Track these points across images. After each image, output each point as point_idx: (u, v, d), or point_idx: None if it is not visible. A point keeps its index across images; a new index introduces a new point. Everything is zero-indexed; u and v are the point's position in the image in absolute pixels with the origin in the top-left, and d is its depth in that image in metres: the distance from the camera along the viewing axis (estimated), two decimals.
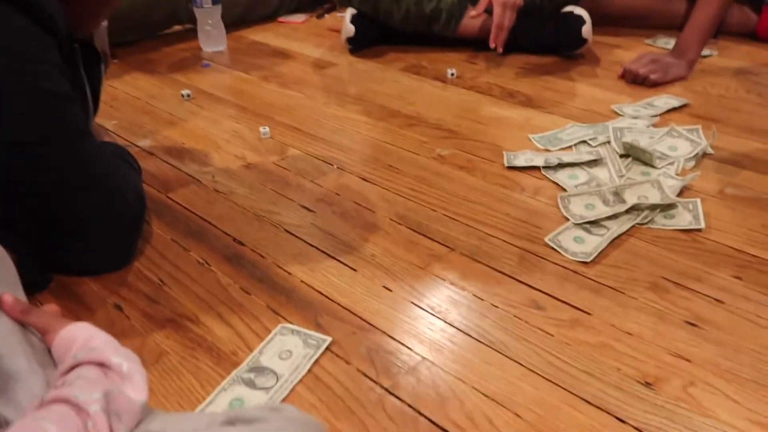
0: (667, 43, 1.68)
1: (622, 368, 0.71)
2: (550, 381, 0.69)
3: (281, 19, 2.02)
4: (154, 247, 0.93)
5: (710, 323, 0.76)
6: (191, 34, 1.81)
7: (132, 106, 1.41)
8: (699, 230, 0.93)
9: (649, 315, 0.78)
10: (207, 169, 1.14)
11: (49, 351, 0.59)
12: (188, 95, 1.44)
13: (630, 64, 1.45)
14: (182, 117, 1.36)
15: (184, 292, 0.84)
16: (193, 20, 1.78)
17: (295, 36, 1.87)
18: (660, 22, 1.77)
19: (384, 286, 0.84)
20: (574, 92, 1.41)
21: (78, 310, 0.81)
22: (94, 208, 0.84)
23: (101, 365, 0.54)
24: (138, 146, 1.23)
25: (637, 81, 1.43)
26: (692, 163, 1.10)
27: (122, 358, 0.54)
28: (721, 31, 1.74)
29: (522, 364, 0.71)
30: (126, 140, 1.25)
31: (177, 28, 1.89)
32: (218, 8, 1.74)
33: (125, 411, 0.50)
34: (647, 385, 0.68)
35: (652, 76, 1.41)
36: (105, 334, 0.58)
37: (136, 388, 0.52)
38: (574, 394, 0.68)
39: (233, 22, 1.87)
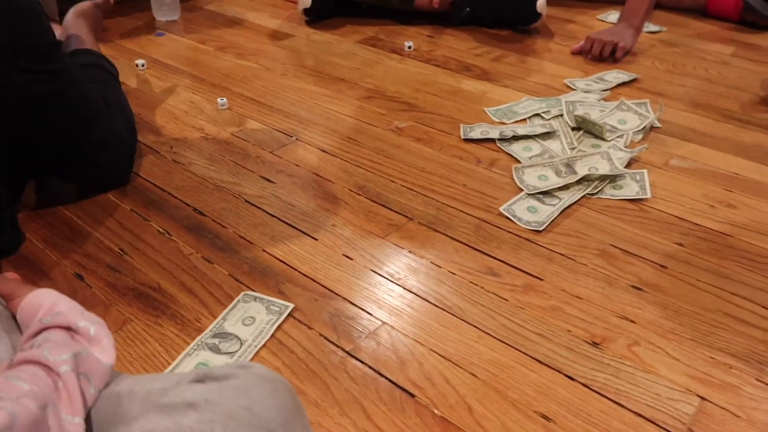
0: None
1: (572, 330, 0.74)
2: (504, 342, 0.73)
3: None
4: (114, 217, 0.93)
5: (654, 287, 0.81)
6: (144, 2, 1.76)
7: None
8: (645, 200, 0.97)
9: (597, 280, 0.82)
10: (165, 140, 1.13)
11: (14, 317, 0.59)
12: (143, 65, 1.42)
13: (588, 43, 1.48)
14: (137, 87, 1.34)
15: (145, 261, 0.85)
16: None
17: (251, 6, 1.85)
18: None
19: (344, 255, 0.86)
20: (528, 66, 1.44)
21: (38, 279, 0.80)
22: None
23: (68, 329, 0.54)
24: None
25: (603, 55, 1.45)
26: (640, 136, 1.14)
27: (89, 321, 0.55)
28: (673, 7, 1.79)
29: (477, 327, 0.75)
30: None
31: None
32: None
33: (94, 372, 0.51)
34: (594, 345, 0.72)
35: (621, 43, 1.44)
36: (70, 300, 0.58)
37: (104, 351, 0.53)
38: (527, 354, 0.71)
39: None
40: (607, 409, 0.65)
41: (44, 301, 0.58)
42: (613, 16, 1.74)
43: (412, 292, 0.80)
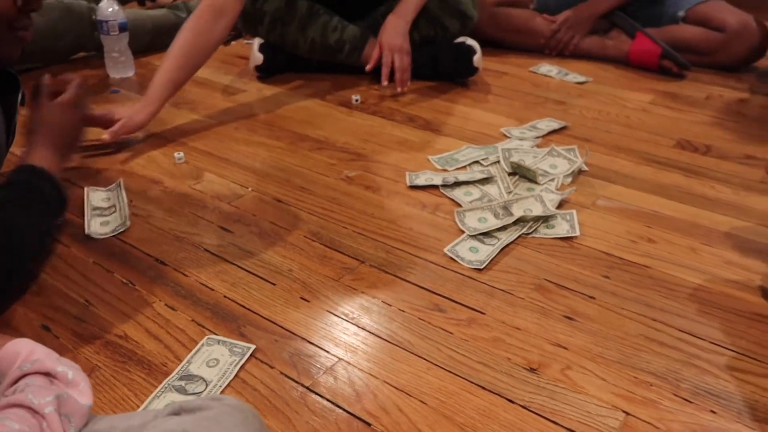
0: (550, 71, 1.86)
1: (512, 358, 0.82)
2: (451, 372, 0.80)
3: None
4: (78, 270, 0.97)
5: (584, 316, 0.89)
6: (98, 60, 1.82)
7: None
8: (575, 237, 1.07)
9: (533, 312, 0.90)
10: (124, 193, 1.18)
11: None
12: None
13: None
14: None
15: (110, 311, 0.89)
16: (99, 48, 1.79)
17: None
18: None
19: (302, 298, 0.92)
20: (468, 116, 1.55)
21: (5, 331, 0.83)
22: None
23: (47, 374, 0.59)
24: None
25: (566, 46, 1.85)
26: (570, 179, 1.25)
27: (66, 366, 0.60)
28: (599, 56, 1.95)
29: (426, 359, 0.81)
30: None
31: (82, 54, 1.89)
32: (125, 35, 1.76)
33: (75, 413, 0.56)
34: (532, 370, 0.80)
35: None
36: (46, 348, 0.63)
37: (82, 393, 0.58)
38: (471, 382, 0.78)
39: (140, 50, 1.90)
40: (544, 427, 0.72)
41: (21, 350, 0.63)
42: (544, 68, 1.88)
43: (366, 330, 0.86)
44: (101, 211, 1.12)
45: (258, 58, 1.72)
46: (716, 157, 1.37)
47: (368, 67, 1.64)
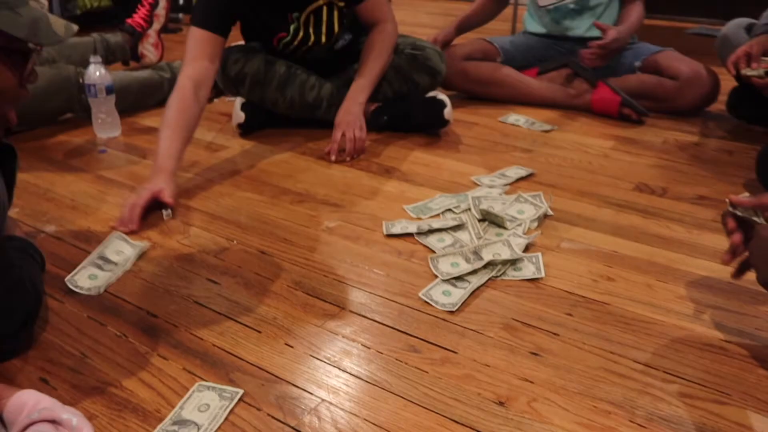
0: (518, 120, 1.97)
1: (482, 393, 0.89)
2: (426, 408, 0.86)
3: None
4: (72, 324, 1.03)
5: (548, 352, 0.97)
6: (85, 120, 1.89)
7: (33, 194, 1.48)
8: (540, 279, 1.15)
9: (502, 349, 0.97)
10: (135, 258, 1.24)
11: (0, 417, 0.69)
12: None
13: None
14: (84, 202, 1.45)
15: (105, 362, 0.94)
16: (86, 110, 1.87)
17: None
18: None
19: (286, 344, 0.99)
20: (440, 166, 1.64)
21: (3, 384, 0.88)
22: None
23: (53, 422, 0.65)
24: (44, 232, 1.31)
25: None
26: (536, 224, 1.33)
27: (71, 414, 0.66)
28: (564, 106, 2.06)
29: (403, 397, 0.88)
30: (30, 226, 1.33)
31: (70, 115, 1.97)
32: (112, 97, 1.84)
33: None
34: (500, 404, 0.87)
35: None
36: (50, 398, 0.69)
37: None
38: (445, 416, 0.84)
39: (126, 110, 1.98)
40: None
41: (28, 400, 0.69)
42: (512, 117, 1.99)
43: (347, 372, 0.93)
44: (102, 263, 1.17)
45: (240, 116, 1.81)
46: (671, 198, 1.47)
47: (330, 157, 1.70)
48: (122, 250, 1.21)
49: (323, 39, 1.79)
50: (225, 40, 1.64)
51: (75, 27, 1.00)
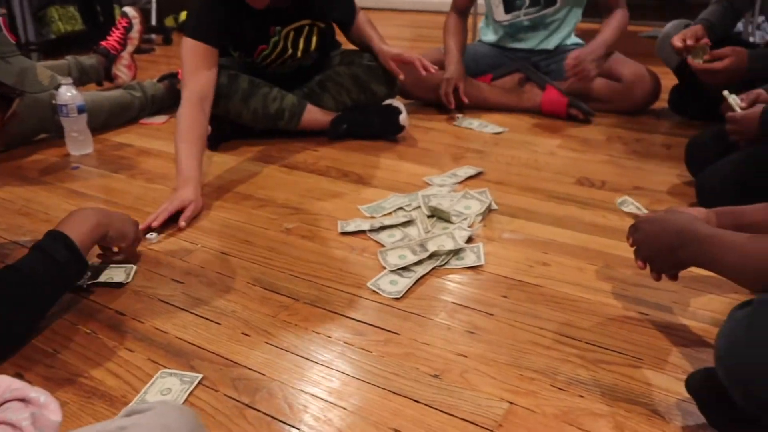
0: (471, 123, 2.08)
1: (420, 367, 0.98)
2: (369, 383, 0.95)
3: (143, 121, 2.23)
4: (45, 324, 1.10)
5: (483, 330, 1.06)
6: (58, 139, 1.97)
7: (8, 210, 1.56)
8: (481, 266, 1.24)
9: (441, 329, 1.06)
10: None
11: None
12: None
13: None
14: (58, 216, 1.51)
15: (76, 356, 1.02)
16: (59, 129, 1.95)
17: (157, 135, 2.09)
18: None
19: (243, 333, 1.07)
20: (395, 169, 1.74)
21: None
22: None
23: (23, 400, 0.73)
24: (20, 243, 1.39)
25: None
26: (481, 217, 1.43)
27: (39, 393, 0.74)
28: (515, 108, 2.17)
29: (348, 374, 0.97)
30: (6, 239, 1.40)
31: (44, 135, 2.05)
32: (84, 116, 1.93)
33: (47, 427, 0.70)
34: (436, 376, 0.96)
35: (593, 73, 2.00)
36: (21, 381, 0.77)
37: (52, 412, 0.72)
38: (386, 389, 0.93)
39: (98, 128, 2.06)
40: (442, 418, 0.88)
41: (1, 384, 0.77)
42: (465, 122, 2.09)
43: (297, 355, 1.01)
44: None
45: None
46: (609, 190, 1.57)
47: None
48: (112, 277, 1.25)
49: (299, 54, 1.90)
50: (218, 51, 1.75)
51: (59, 78, 1.10)
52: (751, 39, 2.73)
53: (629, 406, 0.89)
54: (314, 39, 1.89)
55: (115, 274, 1.24)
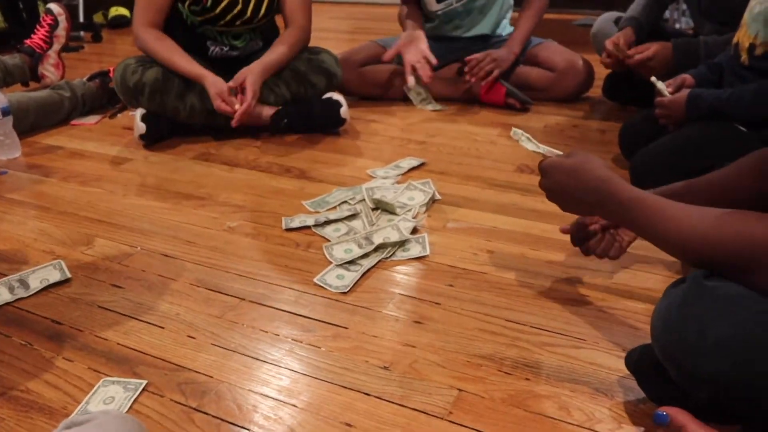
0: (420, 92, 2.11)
1: (369, 360, 0.98)
2: (319, 379, 0.94)
3: (74, 122, 2.15)
4: None
5: (430, 319, 1.07)
6: None
7: None
8: (426, 257, 1.25)
9: (389, 321, 1.07)
10: (17, 266, 1.27)
11: None
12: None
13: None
14: None
15: (11, 370, 0.98)
16: None
17: (90, 137, 2.02)
18: None
19: (188, 336, 1.05)
20: (338, 162, 1.73)
21: None
22: None
23: None
24: None
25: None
26: (425, 208, 1.44)
27: None
28: (450, 98, 2.19)
29: (297, 371, 0.96)
30: None
31: None
32: (9, 119, 1.84)
33: None
34: (385, 368, 0.96)
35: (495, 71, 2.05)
36: None
37: None
38: (336, 384, 0.93)
39: (25, 131, 1.98)
40: (393, 409, 0.88)
41: None
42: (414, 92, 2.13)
43: (246, 355, 1.00)
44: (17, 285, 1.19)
45: (141, 127, 1.84)
46: None
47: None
48: (47, 277, 1.22)
49: (248, 13, 1.88)
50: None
51: None
52: (677, 26, 2.83)
53: (573, 386, 0.91)
54: (265, 2, 1.89)
55: (48, 274, 1.20)
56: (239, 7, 1.86)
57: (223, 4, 1.85)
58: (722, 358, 0.65)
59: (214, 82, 1.76)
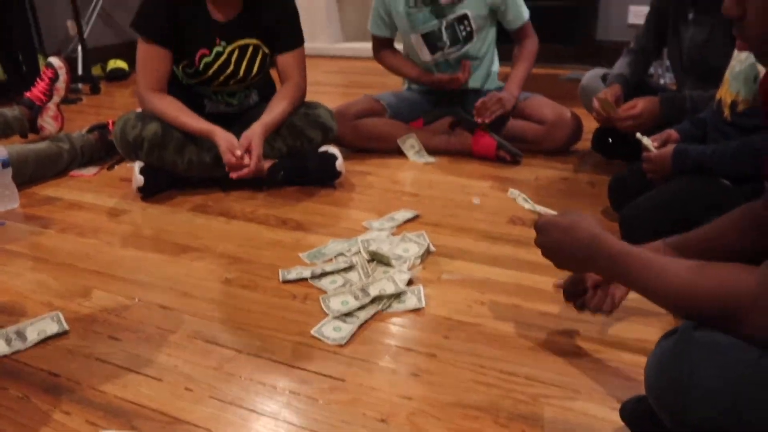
0: (413, 145, 2.15)
1: (367, 413, 0.98)
2: None
3: (73, 173, 2.18)
4: None
5: (426, 371, 1.08)
6: None
7: None
8: (422, 308, 1.27)
9: (386, 374, 1.08)
10: (15, 318, 1.27)
11: None
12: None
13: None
14: None
15: (8, 423, 0.98)
16: None
17: (88, 188, 2.04)
18: None
19: (186, 388, 1.05)
20: (334, 214, 1.76)
21: None
22: None
23: None
24: None
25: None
26: (420, 260, 1.47)
27: None
28: (444, 151, 2.24)
29: (296, 425, 0.97)
30: None
31: None
32: (8, 171, 1.87)
33: None
34: (383, 421, 0.97)
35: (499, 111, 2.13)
36: None
37: None
38: None
39: (24, 182, 2.00)
40: None
41: None
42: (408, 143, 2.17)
43: (243, 407, 1.01)
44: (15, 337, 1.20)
45: (139, 180, 1.87)
46: None
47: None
48: (45, 329, 1.22)
49: (241, 73, 1.93)
50: (171, 52, 1.88)
51: None
52: (661, 81, 2.92)
53: None
54: (258, 62, 1.96)
55: (46, 326, 1.21)
56: (231, 68, 1.92)
57: (214, 67, 1.91)
58: (711, 405, 0.67)
59: (224, 137, 1.79)
